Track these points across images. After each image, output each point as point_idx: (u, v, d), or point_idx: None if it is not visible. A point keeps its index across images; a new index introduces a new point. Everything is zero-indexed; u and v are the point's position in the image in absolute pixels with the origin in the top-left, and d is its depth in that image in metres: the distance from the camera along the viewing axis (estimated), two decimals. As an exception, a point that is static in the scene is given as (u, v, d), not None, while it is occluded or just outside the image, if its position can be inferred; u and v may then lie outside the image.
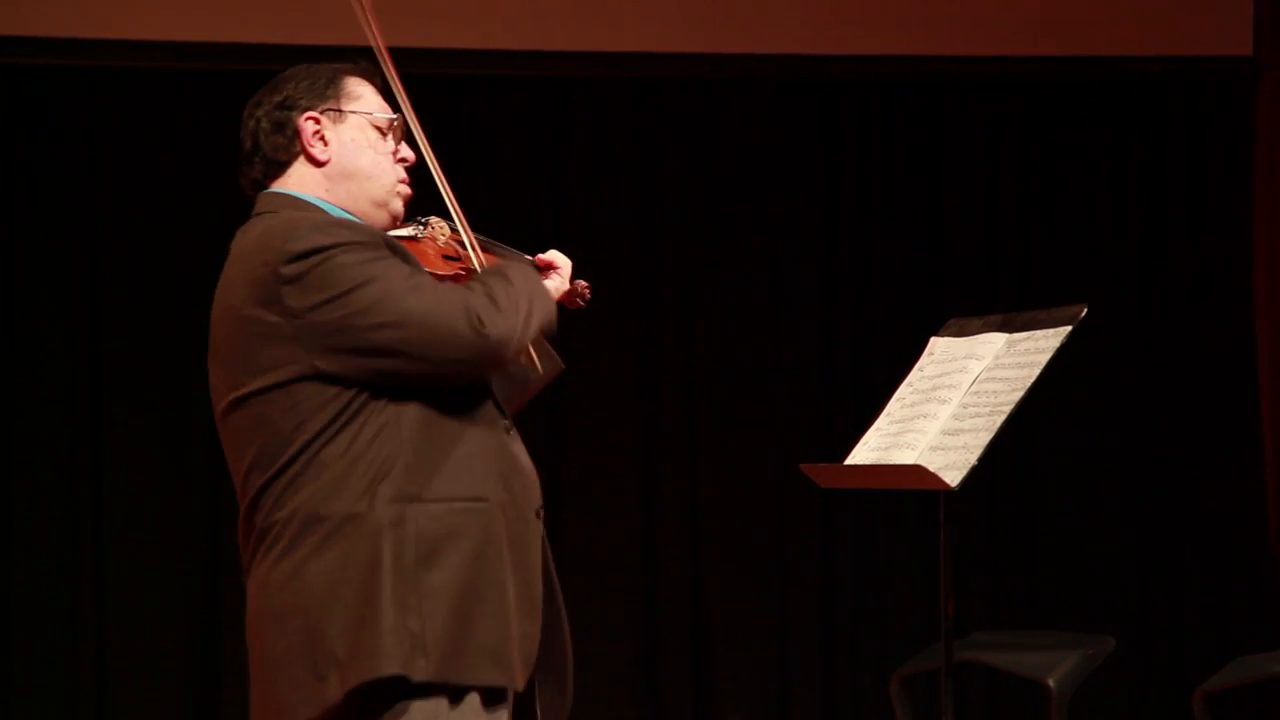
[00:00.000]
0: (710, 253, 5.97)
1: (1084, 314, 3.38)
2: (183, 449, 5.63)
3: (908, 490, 4.36)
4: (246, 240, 2.91)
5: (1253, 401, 6.08)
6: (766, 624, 5.91)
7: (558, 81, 5.92)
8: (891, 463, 3.42)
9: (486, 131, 5.84)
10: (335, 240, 2.80)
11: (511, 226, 3.26)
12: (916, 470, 3.33)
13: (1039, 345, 3.38)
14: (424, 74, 5.76)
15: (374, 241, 2.84)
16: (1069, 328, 3.37)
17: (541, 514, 2.98)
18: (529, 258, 3.23)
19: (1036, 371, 3.34)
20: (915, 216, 6.07)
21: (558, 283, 3.18)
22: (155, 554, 5.61)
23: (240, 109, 6.05)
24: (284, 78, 3.02)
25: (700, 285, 5.98)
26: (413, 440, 2.83)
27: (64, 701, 5.57)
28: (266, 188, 2.99)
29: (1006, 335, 3.48)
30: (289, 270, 2.79)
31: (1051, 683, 4.47)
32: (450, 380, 2.86)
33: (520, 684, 2.90)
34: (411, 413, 2.83)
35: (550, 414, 5.76)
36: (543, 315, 2.97)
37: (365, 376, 2.81)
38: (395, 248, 2.88)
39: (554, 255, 3.23)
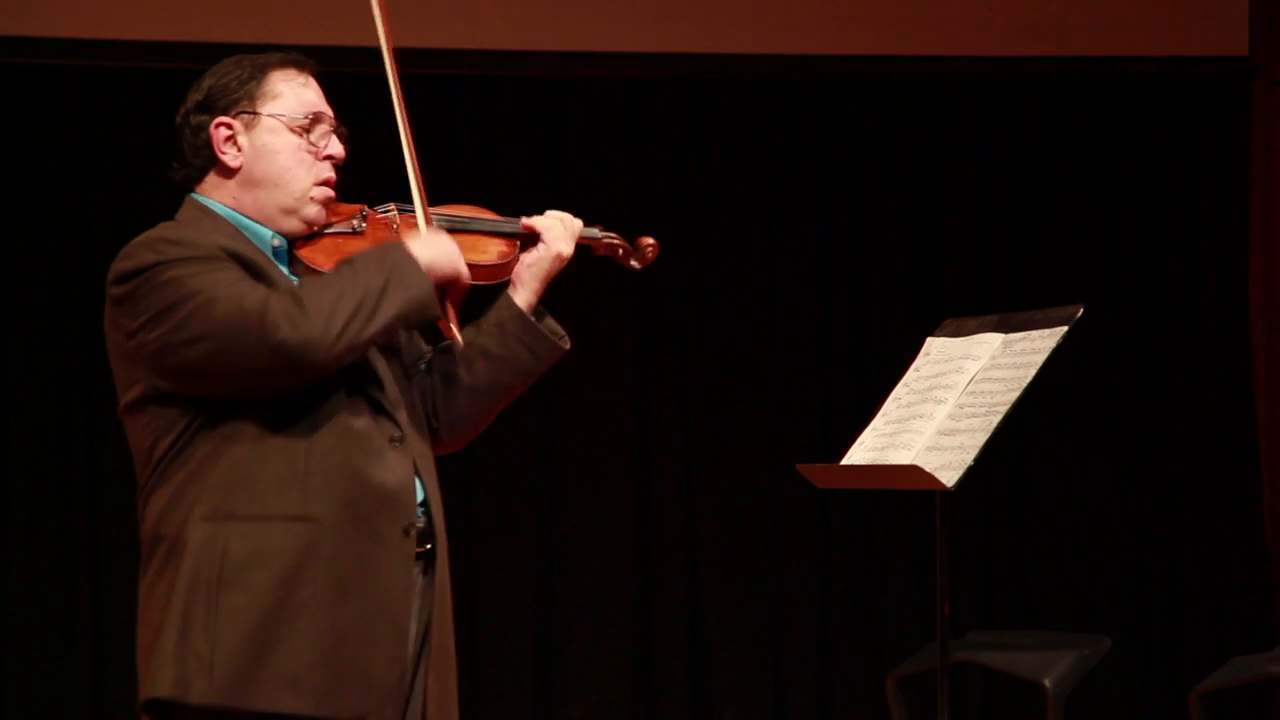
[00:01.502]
0: (706, 252, 5.97)
1: (1080, 314, 3.38)
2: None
3: (904, 490, 4.36)
4: None
5: (1248, 402, 6.08)
6: (762, 624, 5.91)
7: (554, 81, 5.92)
8: (888, 463, 3.41)
9: (484, 131, 5.84)
10: (163, 257, 2.73)
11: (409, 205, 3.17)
12: (913, 470, 3.32)
13: (1035, 345, 3.38)
14: (422, 74, 5.81)
15: (208, 255, 2.74)
16: (1065, 328, 3.37)
17: (414, 531, 2.83)
18: (517, 221, 3.04)
19: (1032, 372, 3.33)
20: (911, 216, 6.07)
21: (540, 254, 3.00)
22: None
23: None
24: (210, 72, 2.92)
25: (696, 285, 5.98)
26: (244, 456, 2.73)
27: (62, 702, 5.56)
28: (191, 190, 2.94)
29: (1002, 335, 3.48)
30: (117, 291, 2.76)
31: (1047, 683, 4.47)
32: (265, 393, 2.73)
33: (348, 713, 2.75)
34: (249, 429, 2.74)
35: (545, 414, 5.76)
36: (398, 304, 2.75)
37: (198, 395, 2.74)
38: (240, 259, 2.77)
39: (537, 221, 3.04)
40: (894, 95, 6.07)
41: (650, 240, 3.19)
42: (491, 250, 3.01)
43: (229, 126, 2.88)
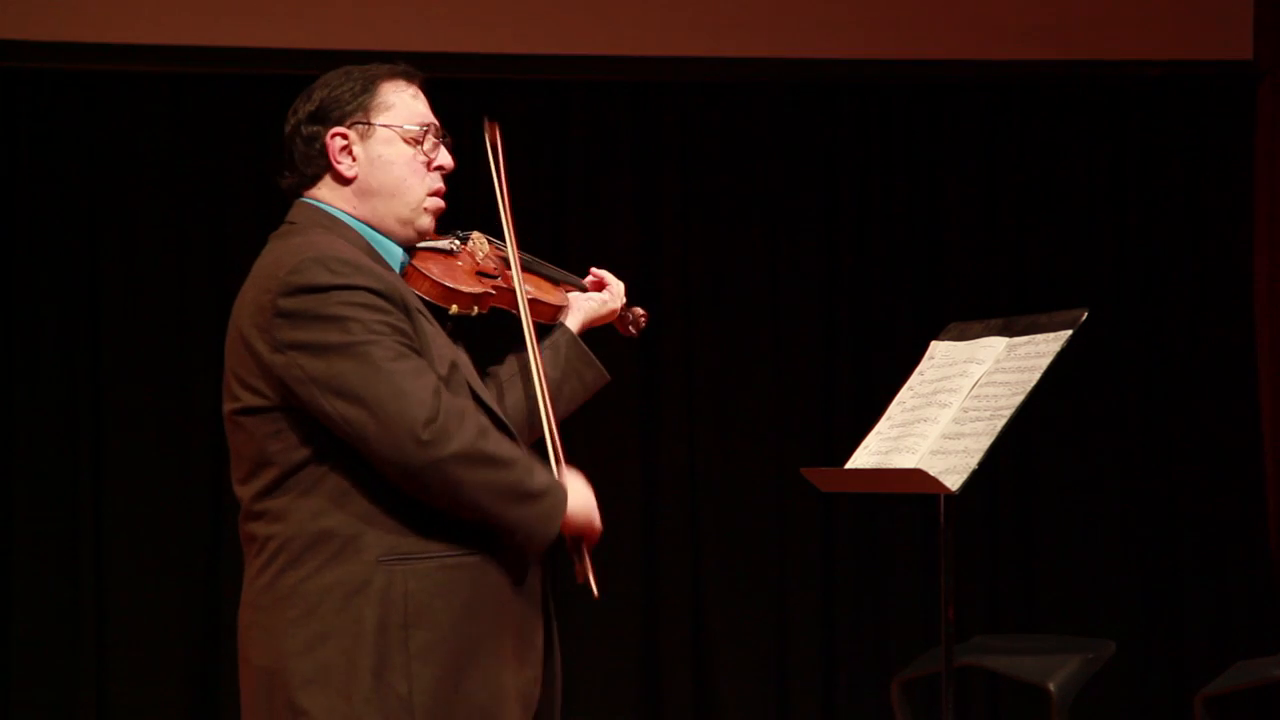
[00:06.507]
0: (710, 256, 5.98)
1: (1084, 318, 3.38)
2: (183, 449, 5.63)
3: (908, 494, 4.35)
4: (266, 258, 2.85)
5: (1254, 405, 6.08)
6: (767, 628, 5.91)
7: (558, 85, 5.92)
8: (892, 467, 3.41)
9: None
10: (339, 281, 2.74)
11: (495, 235, 3.23)
12: (917, 474, 3.32)
13: (1039, 349, 3.37)
14: (425, 77, 5.81)
15: (379, 289, 2.76)
16: (1069, 331, 3.36)
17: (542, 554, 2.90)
18: (578, 279, 3.24)
19: (1037, 375, 3.33)
20: (915, 219, 6.06)
21: (603, 299, 3.22)
22: (155, 554, 5.61)
23: (237, 112, 6.08)
24: (320, 83, 2.96)
25: (700, 288, 5.97)
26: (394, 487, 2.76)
27: (64, 701, 5.56)
28: (300, 194, 2.95)
29: (1007, 339, 3.48)
30: (285, 304, 2.74)
31: (1052, 687, 4.47)
32: (366, 458, 2.74)
33: None
34: None
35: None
36: (521, 522, 2.78)
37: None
38: (400, 300, 2.79)
39: (606, 274, 3.26)
40: (898, 98, 6.07)
41: (641, 310, 3.40)
42: (556, 294, 3.20)
43: (344, 137, 2.92)
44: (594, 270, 3.26)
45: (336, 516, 2.75)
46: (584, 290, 3.27)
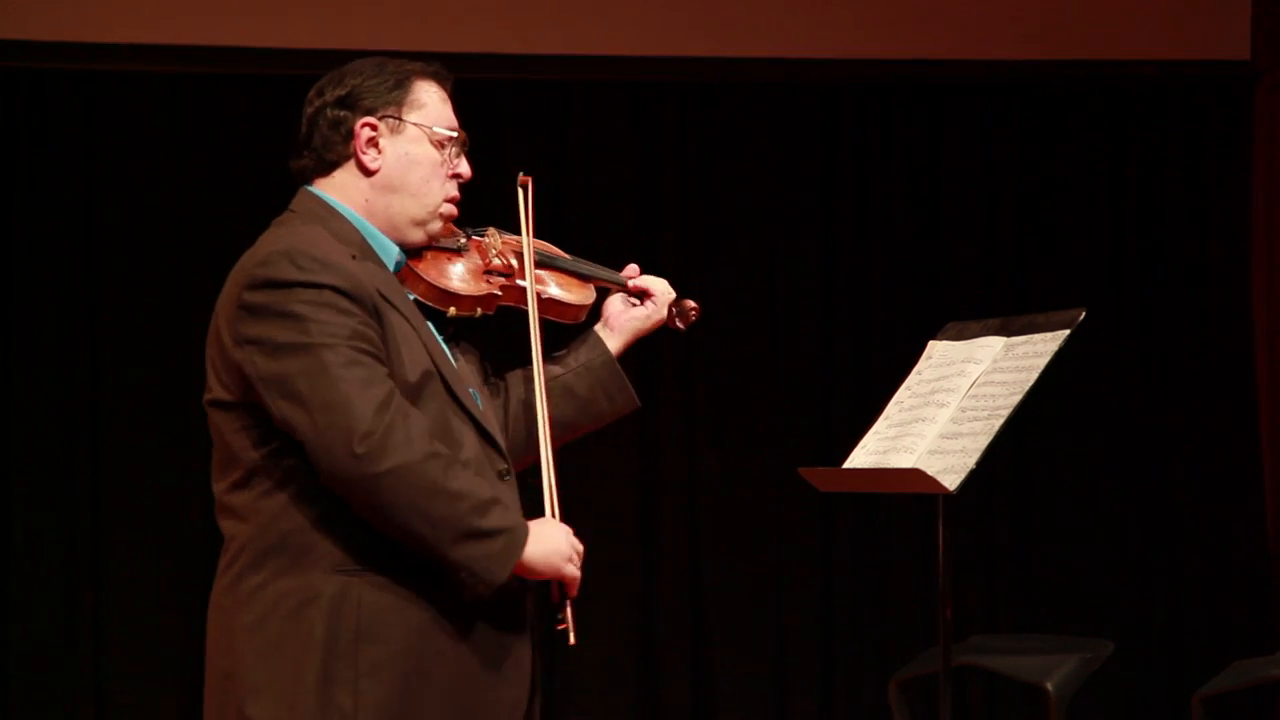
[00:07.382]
0: (709, 256, 5.98)
1: (1082, 318, 3.38)
2: (182, 448, 5.63)
3: (906, 494, 4.36)
4: (251, 250, 2.80)
5: (1250, 405, 6.08)
6: (765, 628, 5.91)
7: (558, 85, 5.93)
8: (890, 466, 3.41)
9: (487, 135, 5.84)
10: (303, 277, 2.67)
11: (511, 230, 3.23)
12: (915, 474, 3.32)
13: (1037, 349, 3.37)
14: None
15: (345, 288, 2.69)
16: (1067, 331, 3.36)
17: None
18: (619, 275, 3.13)
19: (1035, 375, 3.33)
20: (913, 220, 6.07)
21: (647, 314, 3.10)
22: (154, 553, 5.61)
23: (237, 112, 6.07)
24: (351, 69, 2.89)
25: (698, 288, 5.97)
26: None
27: (64, 701, 5.57)
28: (310, 182, 2.88)
29: (1005, 339, 3.48)
30: (249, 297, 2.70)
31: (1050, 686, 4.47)
32: (313, 468, 2.66)
33: None
34: None
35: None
36: (465, 559, 2.64)
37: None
38: (369, 300, 2.71)
39: (650, 281, 3.14)
40: (897, 98, 6.07)
41: (692, 303, 3.21)
42: (581, 291, 3.10)
43: (373, 128, 2.86)
44: (633, 280, 3.15)
45: (296, 520, 2.69)
46: (622, 285, 3.15)
